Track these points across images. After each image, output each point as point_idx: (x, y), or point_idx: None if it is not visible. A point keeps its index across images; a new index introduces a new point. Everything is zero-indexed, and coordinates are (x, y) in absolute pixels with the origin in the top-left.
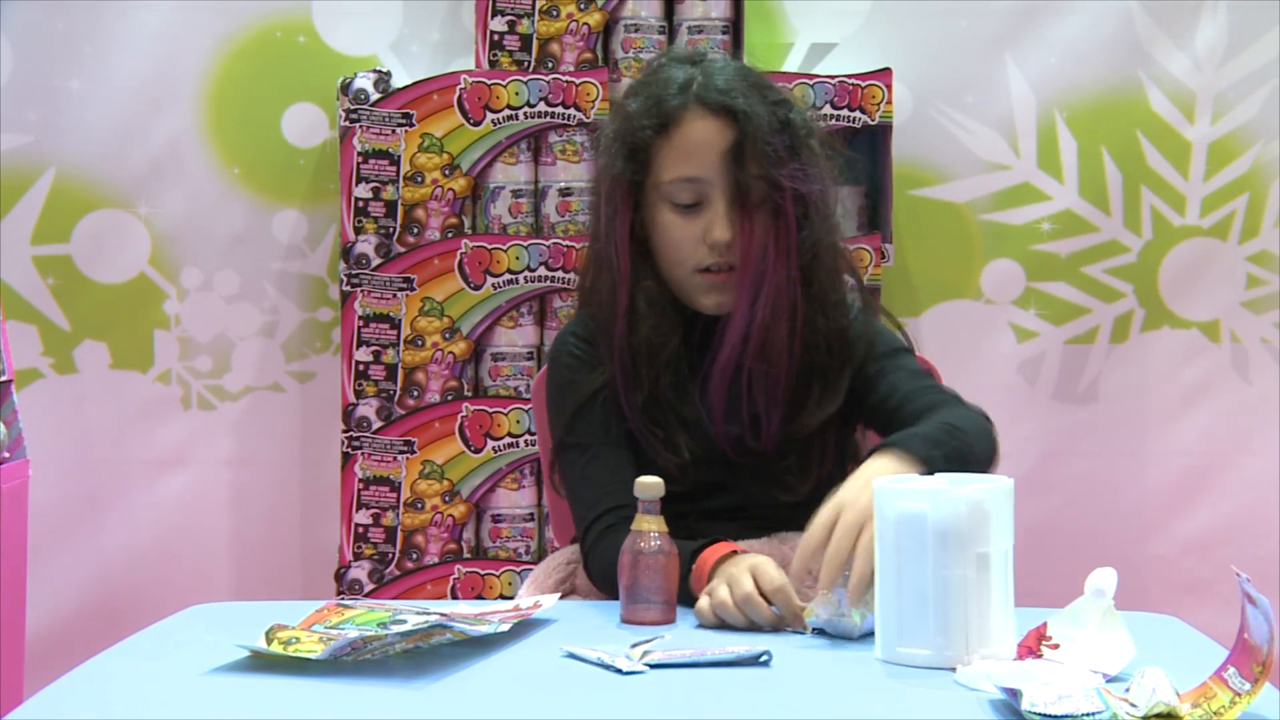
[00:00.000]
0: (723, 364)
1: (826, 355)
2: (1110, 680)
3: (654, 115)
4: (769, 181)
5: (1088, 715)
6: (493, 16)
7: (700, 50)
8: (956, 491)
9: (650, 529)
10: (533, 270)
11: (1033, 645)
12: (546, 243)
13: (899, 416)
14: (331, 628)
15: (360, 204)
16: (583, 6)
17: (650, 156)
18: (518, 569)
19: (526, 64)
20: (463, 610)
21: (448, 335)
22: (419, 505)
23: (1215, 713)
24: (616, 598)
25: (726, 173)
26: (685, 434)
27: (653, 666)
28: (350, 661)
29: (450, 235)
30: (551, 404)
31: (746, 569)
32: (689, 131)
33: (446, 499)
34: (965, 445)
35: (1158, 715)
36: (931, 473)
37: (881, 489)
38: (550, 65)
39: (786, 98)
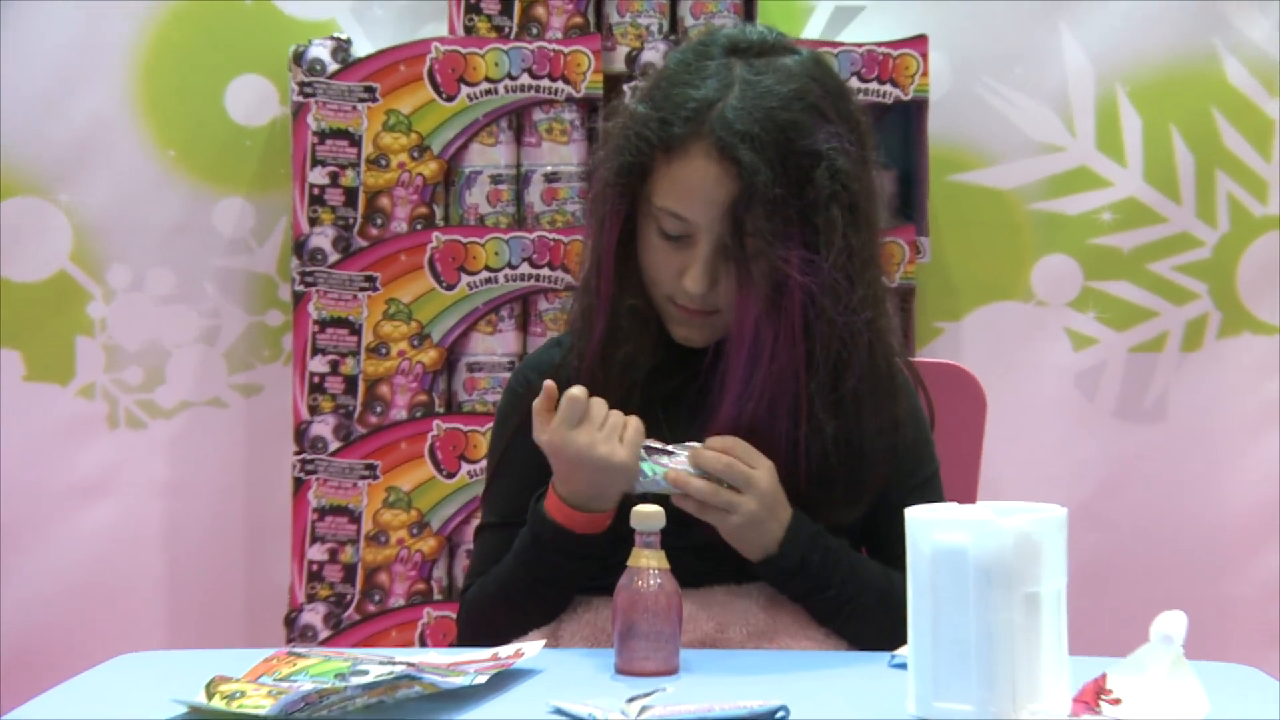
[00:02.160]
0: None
1: (853, 459)
2: None
3: (657, 133)
4: (769, 263)
5: None
6: None
7: (752, 40)
8: (1002, 523)
9: (649, 565)
10: (514, 267)
11: (1090, 700)
12: (530, 236)
13: (874, 544)
14: (282, 680)
15: (316, 191)
16: None
17: (647, 171)
18: None
19: (507, 30)
20: (433, 660)
21: (416, 342)
22: (382, 539)
23: None
24: (489, 643)
25: (718, 226)
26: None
27: None
28: (304, 719)
29: (419, 227)
30: (492, 433)
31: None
32: (688, 168)
33: (414, 532)
34: (856, 598)
35: None
36: (795, 578)
37: (915, 519)
38: (535, 32)
39: (823, 149)
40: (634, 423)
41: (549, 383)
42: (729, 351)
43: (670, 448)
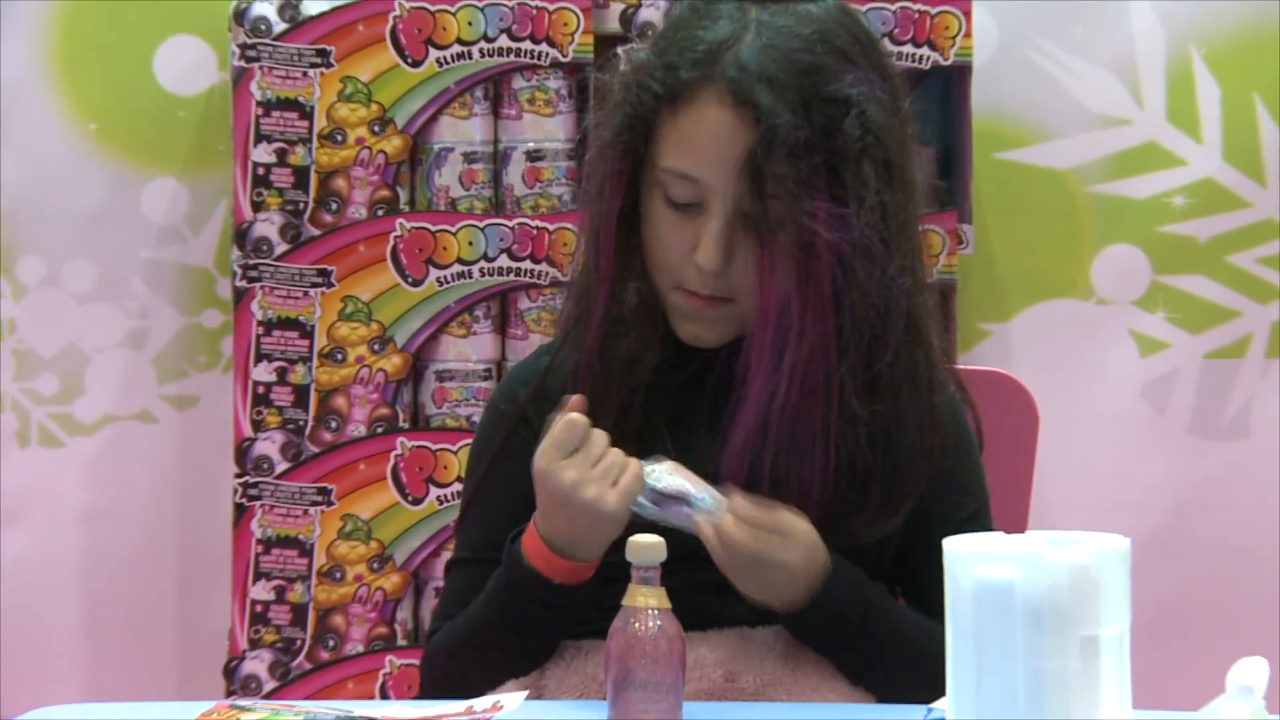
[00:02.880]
0: (735, 454)
1: (889, 457)
2: None
3: (663, 81)
4: (792, 220)
5: None
6: None
7: None
8: (1055, 555)
9: (647, 604)
10: (491, 260)
11: None
12: (510, 223)
13: (911, 587)
14: None
15: (260, 171)
16: None
17: (653, 128)
18: None
19: None
20: (398, 714)
21: (377, 347)
22: (338, 575)
23: None
24: (453, 695)
25: (734, 185)
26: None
27: None
28: None
29: (381, 213)
30: (471, 453)
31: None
32: (698, 118)
33: (375, 567)
34: (899, 650)
35: None
36: (827, 632)
37: (955, 551)
38: None
39: (853, 95)
40: (633, 469)
41: (576, 398)
42: (752, 334)
43: (687, 487)
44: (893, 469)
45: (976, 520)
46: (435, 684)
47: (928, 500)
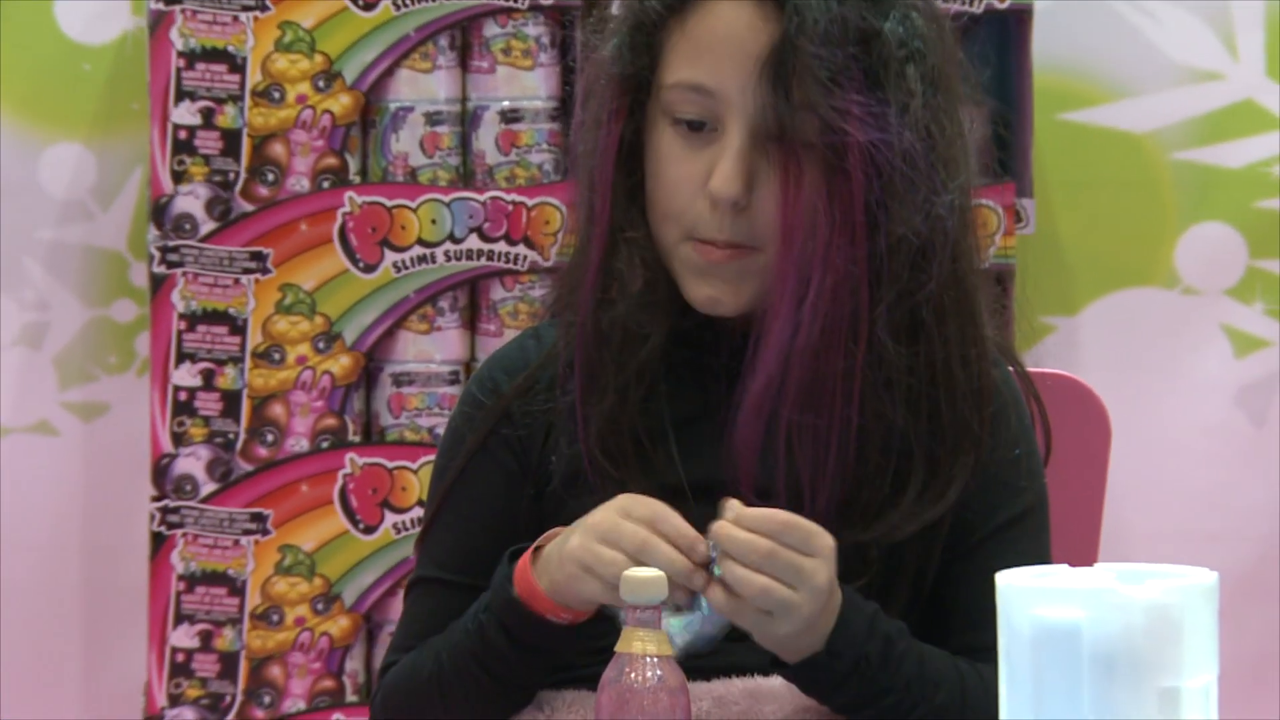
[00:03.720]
0: (755, 403)
1: (933, 421)
2: None
3: None
4: (821, 118)
5: None
6: None
7: None
8: (1129, 592)
9: (646, 651)
10: (458, 241)
11: None
12: (481, 197)
13: (939, 609)
14: None
15: (182, 135)
16: None
17: (658, 45)
18: None
19: None
20: None
21: (322, 345)
22: (275, 618)
23: None
24: None
25: (754, 93)
26: (654, 488)
27: None
28: None
29: (326, 185)
30: (440, 453)
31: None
32: (711, 18)
33: (320, 608)
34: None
35: None
36: (846, 684)
37: (1011, 587)
38: None
39: None
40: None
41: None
42: (780, 252)
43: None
44: (935, 439)
45: (1024, 523)
46: (395, 712)
47: (967, 501)
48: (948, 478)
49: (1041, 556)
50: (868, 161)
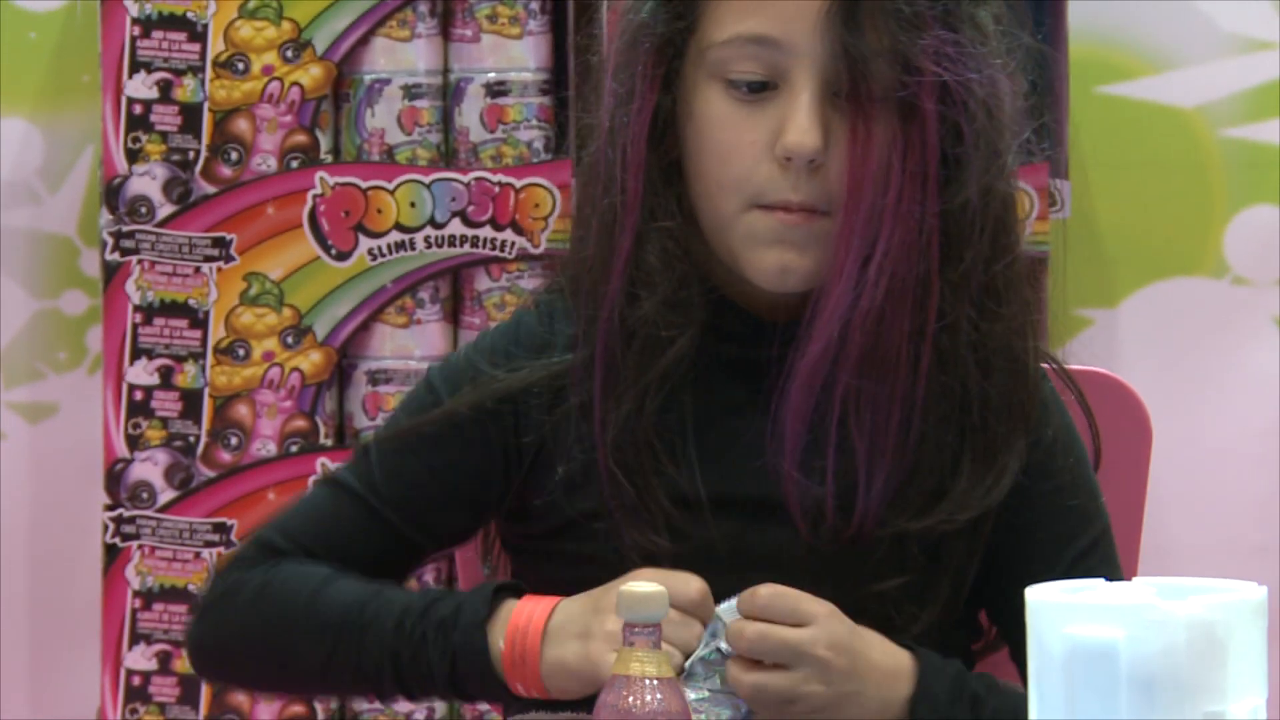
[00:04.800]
0: (811, 368)
1: (983, 402)
2: None
3: None
4: (898, 63)
5: None
6: None
7: None
8: (1170, 608)
9: (645, 672)
10: (440, 226)
11: None
12: (464, 178)
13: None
14: None
15: (137, 110)
16: None
17: (697, 2)
18: None
19: None
20: None
21: (291, 340)
22: None
23: None
24: (215, 666)
25: (825, 36)
26: (666, 499)
27: None
28: None
29: (296, 165)
30: (411, 395)
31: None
32: None
33: None
34: None
35: None
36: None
37: (1041, 603)
38: None
39: None
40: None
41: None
42: (844, 209)
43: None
44: (989, 420)
45: (1096, 552)
46: (205, 630)
47: (1032, 525)
48: (1001, 465)
49: (1106, 563)
50: (946, 108)
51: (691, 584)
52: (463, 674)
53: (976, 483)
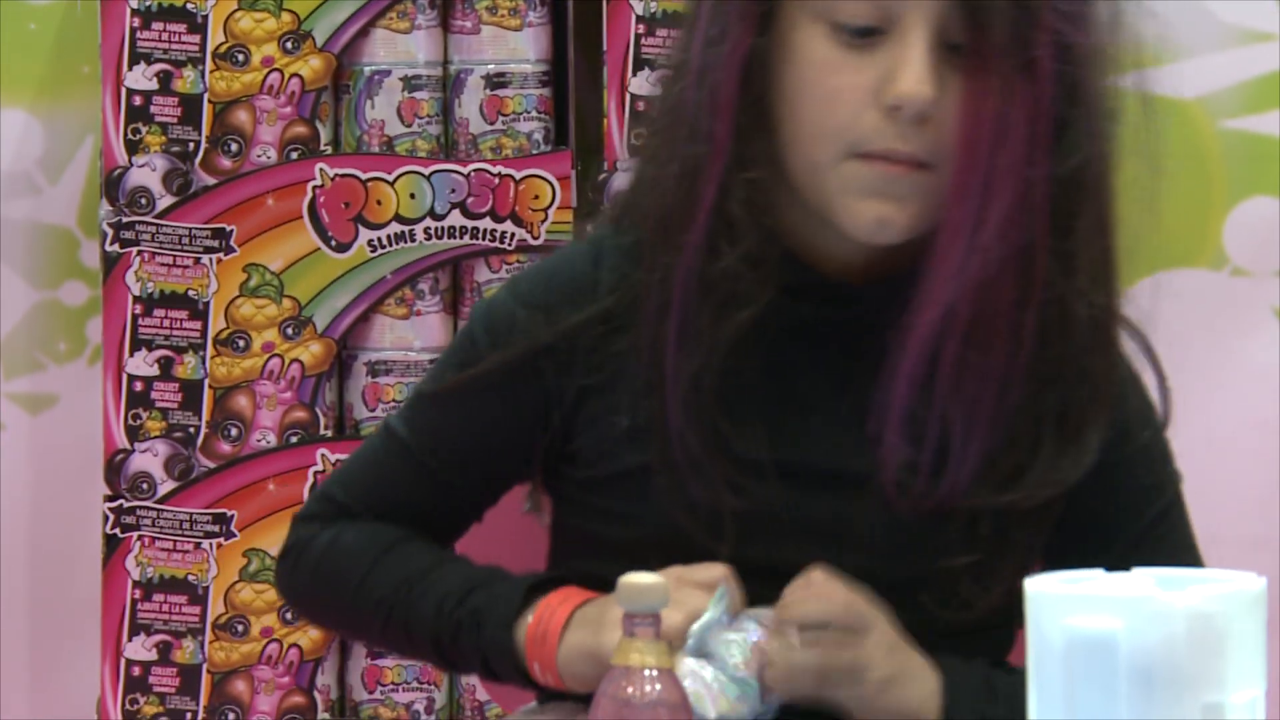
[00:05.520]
0: (927, 334)
1: (1075, 377)
2: None
3: None
4: (1019, 16)
5: None
6: None
7: None
8: (1169, 599)
9: (644, 663)
10: (439, 217)
11: None
12: (464, 170)
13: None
14: None
15: (137, 101)
16: None
17: None
18: None
19: None
20: None
21: (291, 331)
22: (240, 628)
23: None
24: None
25: None
26: (733, 462)
27: None
28: None
29: (296, 156)
30: (453, 349)
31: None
32: None
33: (289, 618)
34: None
35: None
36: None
37: (1040, 594)
38: None
39: None
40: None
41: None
42: (958, 164)
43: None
44: (1075, 393)
45: (1169, 518)
46: (302, 586)
47: (1105, 499)
48: (1085, 442)
49: (1192, 550)
50: (1068, 75)
51: (715, 569)
52: (494, 668)
53: (1059, 459)
